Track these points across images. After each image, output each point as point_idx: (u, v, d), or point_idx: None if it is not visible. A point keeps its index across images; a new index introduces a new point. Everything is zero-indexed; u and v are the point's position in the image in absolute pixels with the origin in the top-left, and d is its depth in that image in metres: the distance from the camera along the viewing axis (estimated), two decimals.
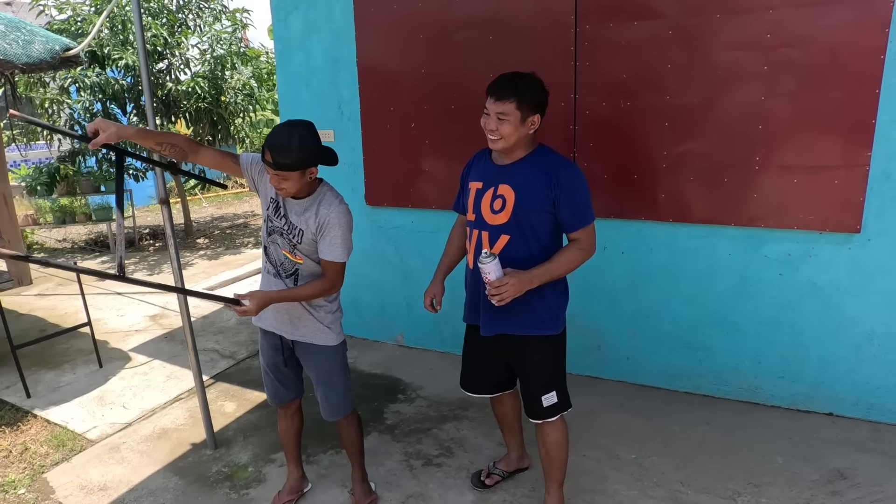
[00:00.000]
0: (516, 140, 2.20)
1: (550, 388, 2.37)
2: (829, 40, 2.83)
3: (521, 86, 2.15)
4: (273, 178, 2.17)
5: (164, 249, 8.10)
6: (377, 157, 4.07)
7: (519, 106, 2.14)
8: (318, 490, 2.85)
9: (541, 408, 2.38)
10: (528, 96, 2.15)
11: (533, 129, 2.20)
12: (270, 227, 2.35)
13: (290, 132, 2.12)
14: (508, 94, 2.13)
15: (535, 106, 2.18)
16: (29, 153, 9.45)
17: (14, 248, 4.19)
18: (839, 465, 2.83)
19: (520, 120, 2.16)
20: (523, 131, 2.19)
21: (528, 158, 2.25)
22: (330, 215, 2.24)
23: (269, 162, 2.12)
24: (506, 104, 2.14)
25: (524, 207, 2.21)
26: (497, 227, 2.26)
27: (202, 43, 7.75)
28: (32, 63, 4.00)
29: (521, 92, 2.14)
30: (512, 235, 2.24)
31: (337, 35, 4.05)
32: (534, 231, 2.23)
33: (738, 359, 3.37)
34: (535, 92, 2.18)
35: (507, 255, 2.22)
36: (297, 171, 2.14)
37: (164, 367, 4.29)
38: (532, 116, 2.18)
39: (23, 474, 3.07)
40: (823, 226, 3.02)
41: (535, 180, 2.21)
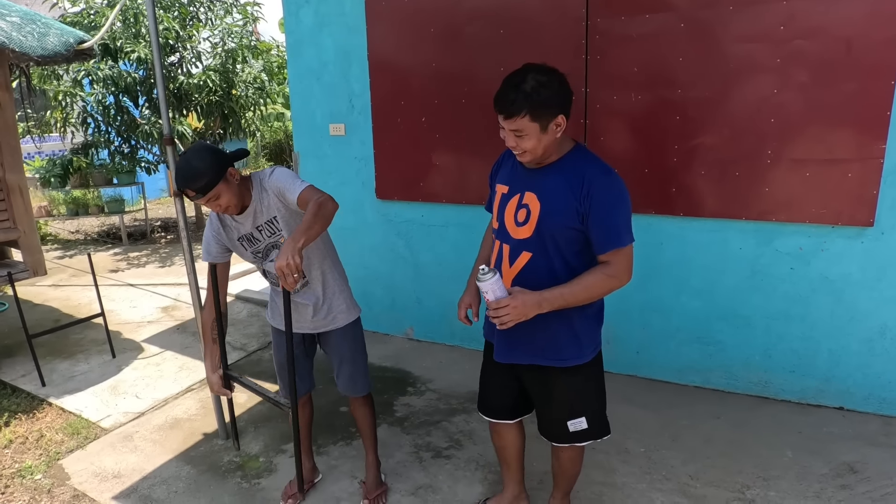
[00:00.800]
0: (545, 149, 1.89)
1: (579, 414, 2.11)
2: (844, 31, 2.81)
3: (532, 91, 1.79)
4: (213, 206, 2.18)
5: (176, 242, 8.17)
6: (387, 151, 4.08)
7: (534, 116, 1.81)
8: (329, 480, 2.87)
9: (566, 432, 2.14)
10: (542, 101, 1.79)
11: (559, 131, 1.86)
12: (262, 253, 2.36)
13: (187, 162, 2.13)
14: (518, 109, 1.80)
15: (554, 108, 1.82)
16: (43, 145, 9.54)
17: (30, 239, 4.24)
18: (849, 459, 2.82)
19: (540, 130, 1.83)
20: (548, 138, 1.86)
21: (561, 162, 1.94)
22: (270, 181, 2.24)
23: (194, 195, 2.13)
24: (517, 120, 1.82)
25: (549, 222, 1.92)
26: (519, 242, 1.98)
27: (213, 36, 7.78)
28: (47, 55, 4.04)
29: (532, 100, 1.79)
30: (534, 253, 1.95)
31: (348, 29, 4.06)
32: (559, 250, 1.94)
33: (748, 353, 3.37)
34: (551, 90, 1.81)
35: (527, 274, 1.97)
36: (221, 182, 2.13)
37: (176, 357, 4.34)
38: (554, 119, 1.83)
39: (39, 460, 3.13)
40: (836, 219, 3.00)
41: (564, 190, 1.89)
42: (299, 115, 4.45)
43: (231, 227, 2.34)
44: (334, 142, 4.29)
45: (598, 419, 2.16)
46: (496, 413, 2.32)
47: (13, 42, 3.72)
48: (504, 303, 1.86)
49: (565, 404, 2.11)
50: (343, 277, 2.51)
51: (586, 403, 2.13)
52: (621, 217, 1.89)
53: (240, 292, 5.53)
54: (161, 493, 2.84)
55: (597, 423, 2.16)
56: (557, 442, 2.19)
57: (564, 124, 1.86)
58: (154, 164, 8.15)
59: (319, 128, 4.35)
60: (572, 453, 2.26)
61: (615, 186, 1.89)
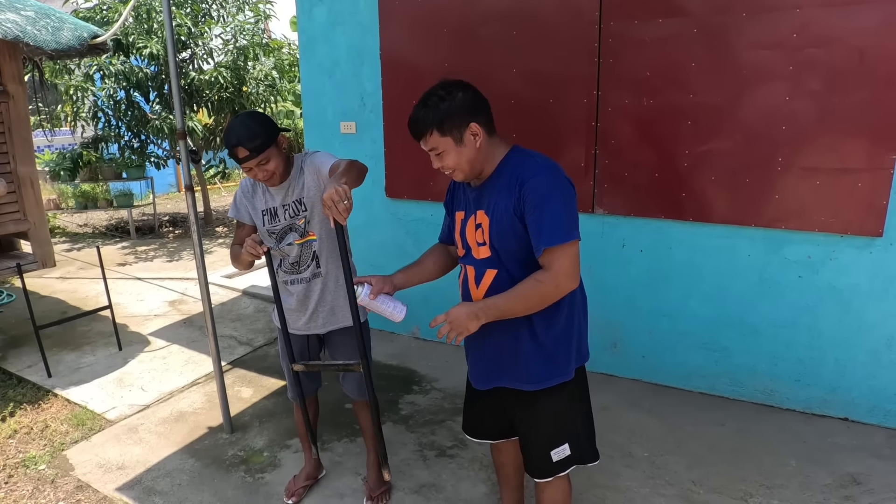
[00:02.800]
0: (470, 162, 1.83)
1: (562, 440, 1.98)
2: (857, 41, 2.80)
3: (432, 108, 1.78)
4: (259, 172, 2.22)
5: (184, 237, 8.20)
6: (398, 150, 4.09)
7: (441, 131, 1.78)
8: (333, 477, 2.88)
9: (549, 464, 1.99)
10: (444, 114, 1.77)
11: (479, 140, 1.81)
12: (278, 234, 2.37)
13: (242, 122, 2.19)
14: (423, 127, 1.80)
15: (460, 118, 1.78)
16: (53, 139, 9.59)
17: (40, 231, 4.26)
18: (853, 471, 2.81)
19: (454, 143, 1.80)
20: (469, 151, 1.81)
21: (499, 170, 1.87)
22: (308, 161, 2.32)
23: (247, 155, 2.16)
24: (429, 139, 1.81)
25: (498, 236, 1.84)
26: (482, 262, 1.91)
27: (225, 33, 7.82)
28: (61, 49, 4.07)
29: (433, 115, 1.78)
30: (498, 270, 1.88)
31: (361, 27, 4.07)
32: (518, 262, 1.85)
33: (754, 360, 3.36)
34: (452, 101, 1.78)
35: (493, 292, 1.87)
36: (273, 146, 2.20)
37: (182, 351, 4.35)
38: (466, 129, 1.79)
39: (43, 451, 3.14)
40: (845, 229, 3.00)
41: (504, 198, 1.82)
42: (311, 112, 4.47)
43: (260, 197, 2.38)
44: (345, 140, 4.31)
45: (582, 443, 2.02)
46: (480, 434, 2.24)
47: (27, 36, 3.75)
48: (440, 318, 1.82)
49: (546, 431, 1.98)
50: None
51: (569, 427, 2.00)
52: (553, 212, 1.74)
53: (247, 288, 5.55)
54: (165, 485, 2.85)
55: (581, 448, 2.01)
56: (541, 477, 2.02)
57: (481, 132, 1.81)
58: (163, 158, 8.20)
59: (330, 125, 4.37)
60: (555, 494, 2.06)
61: (547, 181, 1.76)
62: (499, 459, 2.35)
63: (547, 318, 1.88)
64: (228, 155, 2.28)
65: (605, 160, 3.42)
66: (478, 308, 1.79)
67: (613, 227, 3.53)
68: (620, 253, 3.54)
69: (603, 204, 3.50)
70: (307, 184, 2.29)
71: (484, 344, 1.99)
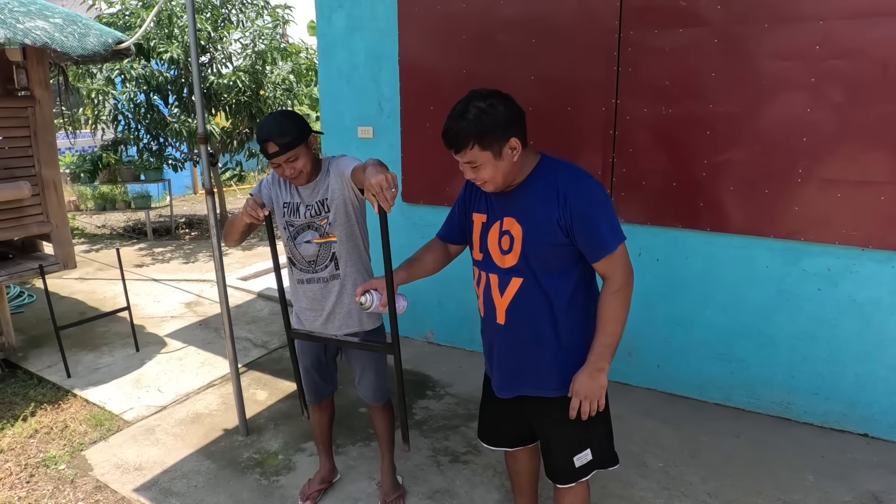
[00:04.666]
0: (505, 176, 1.82)
1: (585, 445, 1.99)
2: (881, 53, 2.78)
3: (475, 119, 1.74)
4: (287, 169, 2.24)
5: (200, 238, 8.27)
6: (415, 155, 4.11)
7: (483, 146, 1.75)
8: (347, 481, 2.89)
9: (572, 469, 2.00)
10: (487, 128, 1.74)
11: (516, 155, 1.80)
12: (295, 229, 2.39)
13: (275, 118, 2.23)
14: (464, 141, 1.75)
15: (502, 132, 1.76)
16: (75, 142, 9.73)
17: (62, 232, 4.32)
18: (873, 488, 2.78)
19: (493, 157, 1.77)
20: (506, 165, 1.80)
21: (531, 179, 1.87)
22: (337, 162, 2.34)
23: (276, 151, 2.18)
24: (467, 153, 1.77)
25: (533, 245, 1.84)
26: (507, 271, 1.90)
27: (244, 38, 7.89)
28: (86, 55, 4.13)
29: (476, 129, 1.74)
30: (525, 279, 1.88)
31: (380, 33, 4.10)
32: (550, 270, 1.87)
33: (771, 372, 3.33)
34: (495, 115, 1.74)
35: (519, 301, 1.90)
36: (303, 144, 2.23)
37: (198, 353, 4.39)
38: (507, 143, 1.77)
39: (63, 451, 3.18)
40: (866, 242, 2.97)
41: (542, 207, 1.83)
42: (328, 116, 4.50)
43: (284, 190, 2.40)
44: (362, 144, 4.33)
45: (601, 447, 2.03)
46: (497, 441, 2.25)
47: (55, 42, 3.81)
48: (574, 403, 1.87)
49: (569, 436, 1.99)
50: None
51: (592, 432, 2.00)
52: (604, 221, 1.81)
53: (262, 290, 5.58)
54: (181, 486, 2.88)
55: (600, 452, 2.03)
56: (563, 482, 2.04)
57: (520, 147, 1.80)
58: (181, 161, 8.28)
59: (348, 130, 4.39)
60: (574, 500, 2.08)
61: (592, 191, 1.82)
62: (514, 467, 2.34)
63: (571, 323, 1.91)
64: (259, 150, 2.31)
65: (622, 168, 3.42)
66: (593, 364, 1.85)
67: (630, 235, 3.43)
68: (637, 261, 3.47)
69: (620, 212, 3.48)
70: (332, 186, 2.32)
71: (507, 352, 1.99)
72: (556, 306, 1.89)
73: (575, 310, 1.91)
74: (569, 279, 1.88)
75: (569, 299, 1.89)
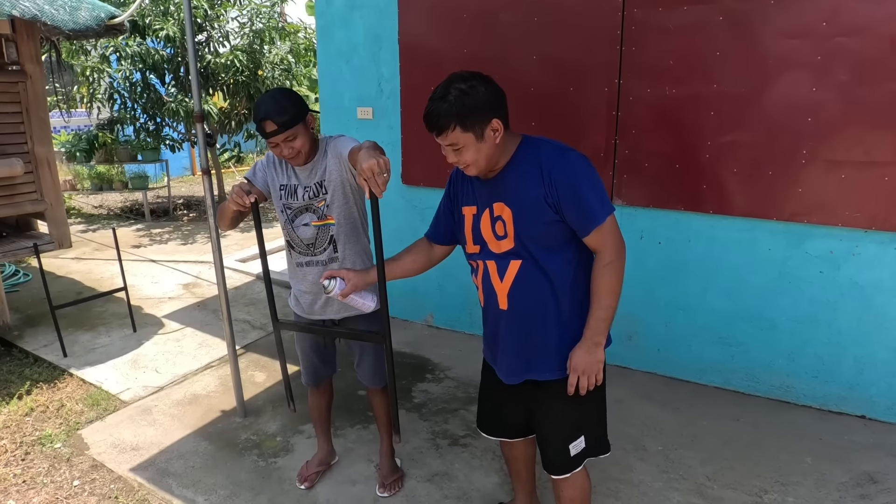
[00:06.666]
0: (488, 158, 1.80)
1: (579, 432, 1.98)
2: (889, 30, 2.73)
3: (455, 101, 1.71)
4: (285, 149, 2.19)
5: (198, 220, 8.22)
6: (415, 137, 4.06)
7: (464, 127, 1.73)
8: (345, 463, 2.88)
9: (567, 458, 1.99)
10: (467, 109, 1.72)
11: (498, 136, 1.77)
12: (293, 211, 2.35)
13: (272, 96, 2.18)
14: (445, 123, 1.74)
15: (483, 113, 1.74)
16: (69, 120, 9.64)
17: (56, 211, 4.28)
18: (870, 469, 2.78)
19: (475, 139, 1.75)
20: (488, 147, 1.77)
21: (514, 161, 1.84)
22: (335, 142, 2.30)
23: (274, 130, 2.14)
24: (448, 135, 1.75)
25: (525, 225, 1.82)
26: (504, 255, 1.88)
27: (241, 16, 7.79)
28: (78, 29, 4.06)
29: (456, 110, 1.72)
30: (523, 260, 1.86)
31: (379, 12, 4.03)
32: (547, 249, 1.84)
33: (771, 356, 3.32)
34: (476, 96, 1.72)
35: (520, 282, 1.87)
36: (301, 123, 2.19)
37: (196, 334, 4.37)
38: (489, 125, 1.75)
39: (59, 430, 3.17)
40: (870, 224, 2.94)
41: (528, 187, 1.80)
42: (327, 97, 4.44)
43: (280, 172, 2.36)
44: (361, 125, 4.28)
45: (594, 434, 2.02)
46: (496, 430, 2.24)
47: (45, 15, 3.74)
48: (572, 378, 1.85)
49: (565, 423, 1.97)
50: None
51: (588, 418, 1.99)
52: (591, 192, 1.77)
53: (260, 272, 5.56)
54: (178, 467, 2.87)
55: (594, 440, 2.01)
56: (560, 473, 2.02)
57: (502, 128, 1.77)
58: (178, 141, 8.21)
59: (347, 111, 4.34)
60: (573, 492, 2.06)
61: (575, 163, 1.79)
62: (510, 454, 2.33)
63: (574, 301, 1.88)
64: (256, 129, 2.27)
65: (625, 150, 3.38)
66: (589, 338, 1.83)
67: (632, 218, 3.48)
68: (638, 244, 3.50)
69: (622, 195, 3.45)
70: (329, 167, 2.27)
71: (513, 337, 1.96)
72: (558, 285, 1.86)
73: (577, 288, 1.88)
74: (567, 256, 1.86)
75: (571, 277, 1.86)
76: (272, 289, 2.45)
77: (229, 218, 2.34)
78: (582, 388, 1.86)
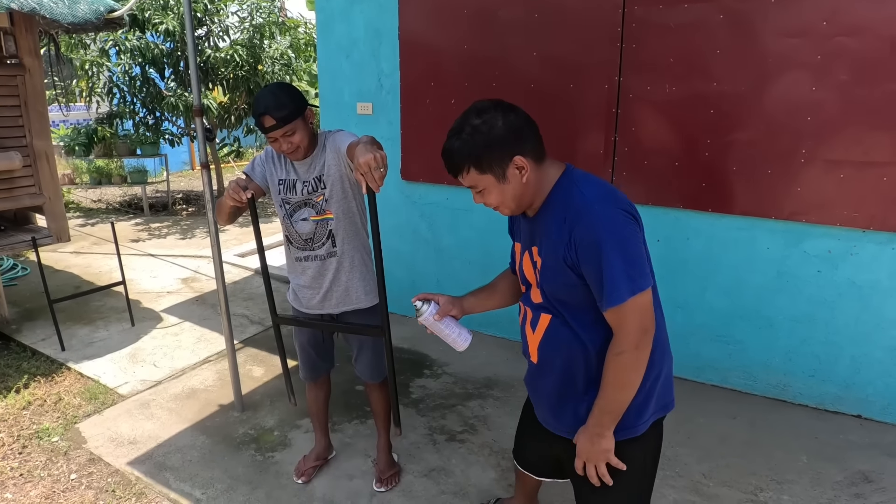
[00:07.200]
0: (517, 199, 1.58)
1: None
2: (889, 30, 2.73)
3: (469, 141, 1.52)
4: (284, 143, 2.19)
5: (197, 214, 8.22)
6: (415, 132, 4.06)
7: (480, 168, 1.54)
8: (342, 458, 2.89)
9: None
10: (481, 149, 1.52)
11: (525, 174, 1.54)
12: (292, 206, 2.35)
13: (271, 91, 2.18)
14: (459, 164, 1.56)
15: (502, 152, 1.52)
16: (69, 114, 9.62)
17: (54, 205, 4.27)
18: (864, 468, 2.79)
19: (496, 180, 1.55)
20: (513, 187, 1.56)
21: (549, 201, 1.59)
22: (333, 137, 2.29)
23: (273, 125, 2.14)
24: (465, 177, 1.57)
25: (549, 282, 1.62)
26: (537, 306, 1.69)
27: (241, 11, 7.77)
28: (77, 23, 4.05)
29: (470, 151, 1.53)
30: (553, 315, 1.65)
31: (380, 7, 4.02)
32: (572, 310, 1.61)
33: (769, 354, 3.33)
34: (490, 133, 1.51)
35: (549, 340, 1.67)
36: (300, 118, 2.18)
37: (194, 329, 4.37)
38: (510, 163, 1.53)
39: (56, 423, 3.17)
40: (868, 224, 2.94)
41: (553, 242, 1.56)
42: (327, 92, 4.44)
43: (279, 166, 2.35)
44: (361, 121, 4.28)
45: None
46: (530, 467, 2.07)
47: (44, 8, 3.73)
48: (577, 463, 1.66)
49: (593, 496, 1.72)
50: (369, 264, 2.48)
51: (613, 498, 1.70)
52: (611, 265, 1.46)
53: (259, 267, 5.55)
54: (176, 460, 2.87)
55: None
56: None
57: (528, 164, 1.53)
58: (178, 136, 8.20)
59: (347, 106, 4.33)
60: None
61: (596, 224, 1.47)
62: (524, 479, 2.17)
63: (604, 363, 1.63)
64: (255, 124, 2.26)
65: (624, 147, 3.38)
66: (591, 427, 1.61)
67: None
68: None
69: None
70: (328, 162, 2.27)
71: (542, 392, 1.80)
72: (590, 346, 1.61)
73: None
74: (599, 317, 1.56)
75: (602, 339, 1.59)
76: (271, 284, 2.45)
77: (227, 213, 2.34)
78: (591, 476, 1.66)
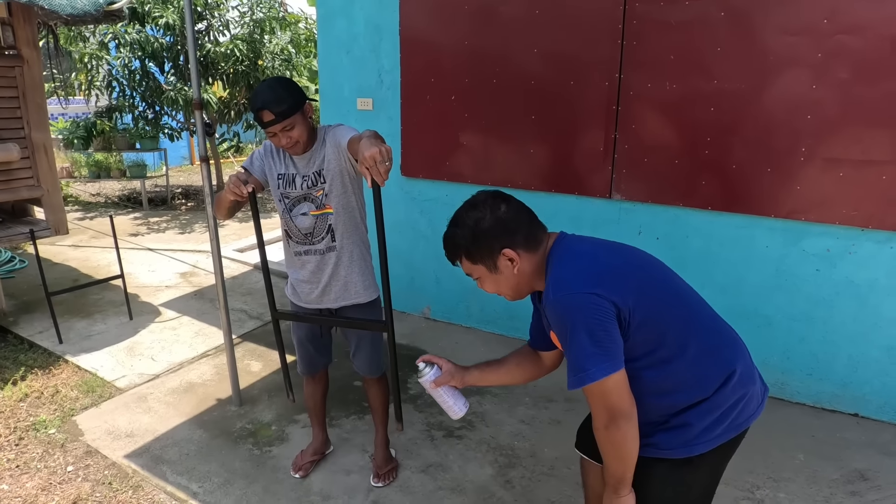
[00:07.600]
0: (512, 288, 1.63)
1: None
2: (889, 29, 2.73)
3: (461, 233, 1.57)
4: (283, 138, 2.18)
5: (196, 209, 8.20)
6: (415, 128, 4.05)
7: (471, 259, 1.59)
8: (340, 453, 2.89)
9: None
10: (469, 242, 1.57)
11: (516, 265, 1.56)
12: (291, 201, 2.34)
13: (270, 86, 2.17)
14: (453, 254, 1.63)
15: (489, 244, 1.55)
16: (68, 107, 9.59)
17: (53, 198, 4.27)
18: (861, 467, 2.79)
19: (487, 271, 1.60)
20: (506, 277, 1.59)
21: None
22: (333, 131, 2.29)
23: (272, 119, 2.13)
24: (462, 265, 1.63)
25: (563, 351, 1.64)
26: None
27: (242, 5, 7.75)
28: (76, 14, 4.04)
29: (461, 242, 1.58)
30: None
31: (380, 2, 4.01)
32: None
33: (766, 353, 3.33)
34: (477, 227, 1.55)
35: None
36: (299, 112, 2.17)
37: (192, 323, 4.37)
38: (499, 256, 1.56)
39: (53, 415, 3.17)
40: (866, 222, 2.95)
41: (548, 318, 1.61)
42: (327, 88, 4.43)
43: (278, 161, 2.34)
44: (361, 116, 4.27)
45: None
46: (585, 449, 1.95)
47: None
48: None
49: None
50: (368, 259, 2.48)
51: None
52: (577, 346, 1.44)
53: (258, 262, 5.55)
54: (173, 454, 2.87)
55: None
56: None
57: (518, 257, 1.55)
58: (177, 130, 8.18)
59: (347, 101, 4.33)
60: None
61: (559, 304, 1.47)
62: (586, 480, 2.02)
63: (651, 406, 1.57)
64: (254, 119, 2.25)
65: (624, 145, 3.37)
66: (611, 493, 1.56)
67: (630, 213, 3.48)
68: (636, 240, 3.48)
69: (621, 189, 3.45)
70: (328, 156, 2.26)
71: None
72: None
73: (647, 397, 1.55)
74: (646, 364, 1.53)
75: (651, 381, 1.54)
76: (270, 278, 2.45)
77: (226, 207, 2.33)
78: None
